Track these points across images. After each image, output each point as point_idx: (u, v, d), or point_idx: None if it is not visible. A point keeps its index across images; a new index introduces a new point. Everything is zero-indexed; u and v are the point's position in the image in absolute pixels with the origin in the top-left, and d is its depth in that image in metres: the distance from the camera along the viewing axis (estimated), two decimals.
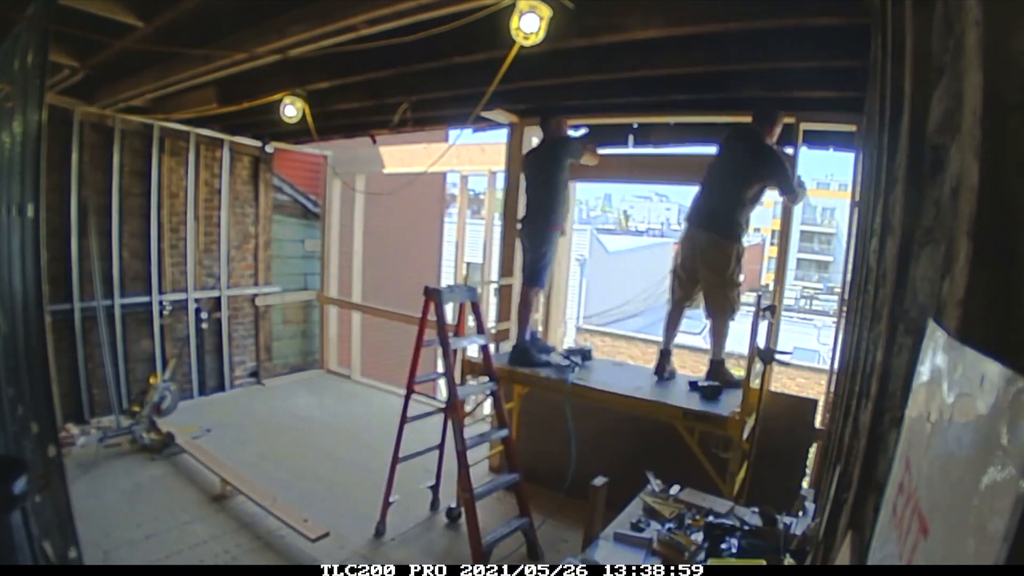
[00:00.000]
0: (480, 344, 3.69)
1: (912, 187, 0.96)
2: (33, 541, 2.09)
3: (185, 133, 5.59)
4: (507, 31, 2.51)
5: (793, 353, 3.60)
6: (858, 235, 2.21)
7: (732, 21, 2.48)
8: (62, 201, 4.75)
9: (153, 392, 4.92)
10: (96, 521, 3.41)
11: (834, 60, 2.68)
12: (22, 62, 2.34)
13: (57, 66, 3.61)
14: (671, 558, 2.10)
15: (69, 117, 4.71)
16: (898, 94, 1.12)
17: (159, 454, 4.47)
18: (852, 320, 1.94)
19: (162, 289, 5.56)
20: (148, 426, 4.69)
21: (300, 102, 4.07)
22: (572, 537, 3.53)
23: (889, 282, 1.06)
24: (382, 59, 3.23)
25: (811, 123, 3.53)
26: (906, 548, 0.60)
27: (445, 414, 3.67)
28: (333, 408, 5.97)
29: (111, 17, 2.81)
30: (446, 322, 3.42)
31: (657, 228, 32.86)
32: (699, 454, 3.21)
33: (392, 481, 3.63)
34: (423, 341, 3.60)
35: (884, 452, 0.94)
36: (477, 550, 3.08)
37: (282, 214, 6.79)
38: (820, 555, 1.50)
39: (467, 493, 3.17)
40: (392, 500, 3.65)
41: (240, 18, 2.98)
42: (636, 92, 3.59)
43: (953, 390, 0.56)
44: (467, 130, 4.82)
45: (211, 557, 3.28)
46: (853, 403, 1.39)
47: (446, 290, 3.48)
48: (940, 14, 0.89)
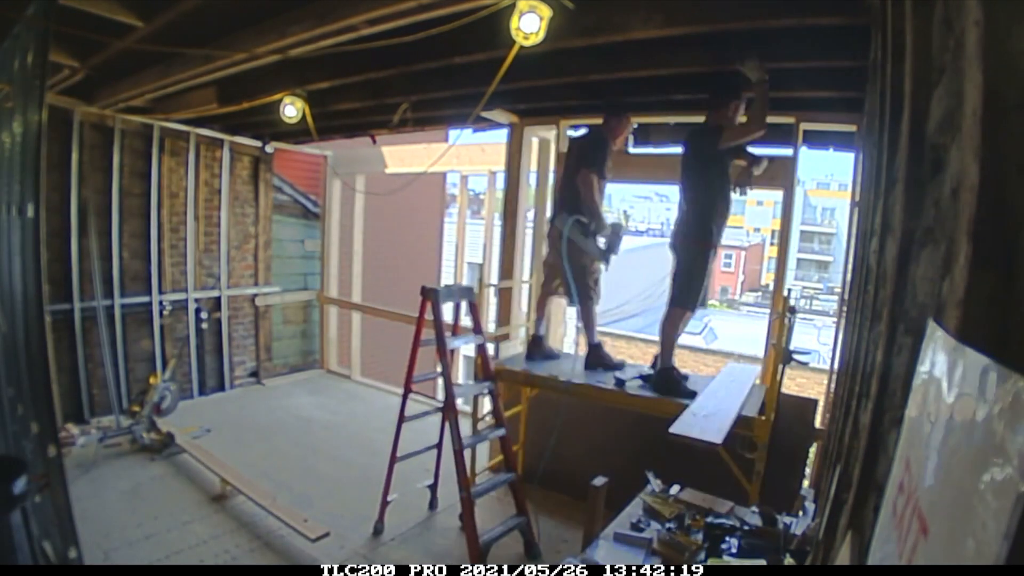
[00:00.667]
0: (477, 344, 3.70)
1: (912, 187, 0.96)
2: (33, 541, 2.09)
3: (185, 133, 5.59)
4: (507, 31, 2.51)
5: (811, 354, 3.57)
6: (858, 235, 2.21)
7: (732, 21, 2.47)
8: (62, 201, 4.75)
9: (153, 392, 4.92)
10: (96, 521, 3.42)
11: (834, 60, 2.68)
12: (22, 62, 2.34)
13: (57, 66, 3.61)
14: (671, 558, 2.10)
15: (69, 117, 4.71)
16: (898, 94, 1.12)
17: (159, 454, 4.47)
18: (852, 320, 1.94)
19: (162, 289, 5.56)
20: (148, 426, 4.69)
21: (300, 102, 4.07)
22: (572, 537, 3.54)
23: (889, 282, 1.06)
24: (382, 59, 3.23)
25: (811, 123, 3.53)
26: (906, 548, 0.60)
27: (443, 414, 3.67)
28: (333, 408, 5.97)
29: (111, 17, 2.81)
30: (443, 322, 3.42)
31: (657, 228, 32.87)
32: (724, 456, 3.21)
33: (390, 480, 3.63)
34: (420, 341, 3.60)
35: (884, 452, 0.94)
36: (475, 549, 3.09)
37: (282, 214, 6.79)
38: (820, 555, 1.50)
39: (465, 492, 3.17)
40: (390, 499, 3.65)
41: (240, 18, 2.98)
42: (636, 92, 3.60)
43: (953, 390, 0.56)
44: (467, 130, 4.82)
45: (211, 557, 3.28)
46: (853, 403, 1.39)
47: (443, 290, 3.48)
48: (940, 14, 0.89)
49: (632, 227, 32.55)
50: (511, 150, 4.61)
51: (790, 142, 3.55)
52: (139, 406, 4.79)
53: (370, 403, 6.19)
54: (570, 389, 3.61)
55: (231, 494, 3.93)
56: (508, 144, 4.63)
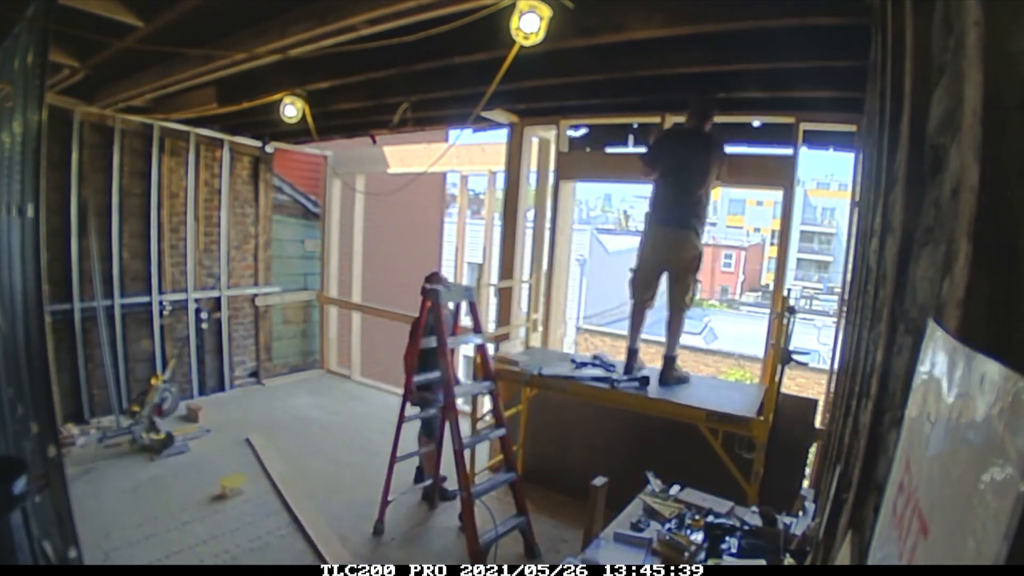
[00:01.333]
0: (477, 343, 3.69)
1: (912, 187, 0.96)
2: (33, 541, 2.09)
3: (185, 133, 5.59)
4: (507, 31, 2.51)
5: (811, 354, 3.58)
6: (858, 235, 2.21)
7: (732, 21, 2.47)
8: (62, 201, 4.75)
9: (154, 393, 4.91)
10: (96, 521, 3.42)
11: (834, 60, 2.68)
12: (22, 62, 2.34)
13: (57, 66, 3.61)
14: (671, 558, 2.10)
15: (69, 117, 4.71)
16: (898, 94, 1.12)
17: (158, 454, 4.47)
18: (852, 320, 1.94)
19: (162, 289, 5.56)
20: (148, 426, 4.69)
21: (300, 102, 4.07)
22: (572, 537, 3.54)
23: (889, 282, 1.06)
24: (382, 59, 3.22)
25: (811, 123, 3.53)
26: (906, 548, 0.60)
27: (443, 414, 3.67)
28: (333, 408, 5.97)
29: (111, 17, 2.81)
30: (444, 321, 3.42)
31: None
32: (723, 456, 3.21)
33: (390, 480, 3.63)
34: (421, 340, 3.60)
35: (884, 452, 0.94)
36: (475, 548, 3.09)
37: (282, 214, 6.80)
38: (820, 555, 1.50)
39: (465, 492, 3.17)
40: (390, 499, 3.65)
41: (240, 18, 2.98)
42: (636, 92, 3.59)
43: (953, 390, 0.55)
44: (467, 130, 4.82)
45: (211, 557, 3.28)
46: (853, 403, 1.39)
47: (443, 289, 3.48)
48: (940, 14, 0.89)
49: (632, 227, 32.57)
50: (511, 150, 4.61)
51: (790, 142, 3.55)
52: (139, 407, 4.79)
53: (370, 403, 6.20)
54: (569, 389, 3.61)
55: (232, 494, 3.93)
56: (508, 144, 4.63)
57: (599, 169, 4.44)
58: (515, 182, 4.63)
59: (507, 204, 4.71)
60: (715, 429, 3.24)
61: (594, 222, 28.88)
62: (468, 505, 3.15)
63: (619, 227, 30.93)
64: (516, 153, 4.57)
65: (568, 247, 4.86)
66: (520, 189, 4.64)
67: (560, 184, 4.46)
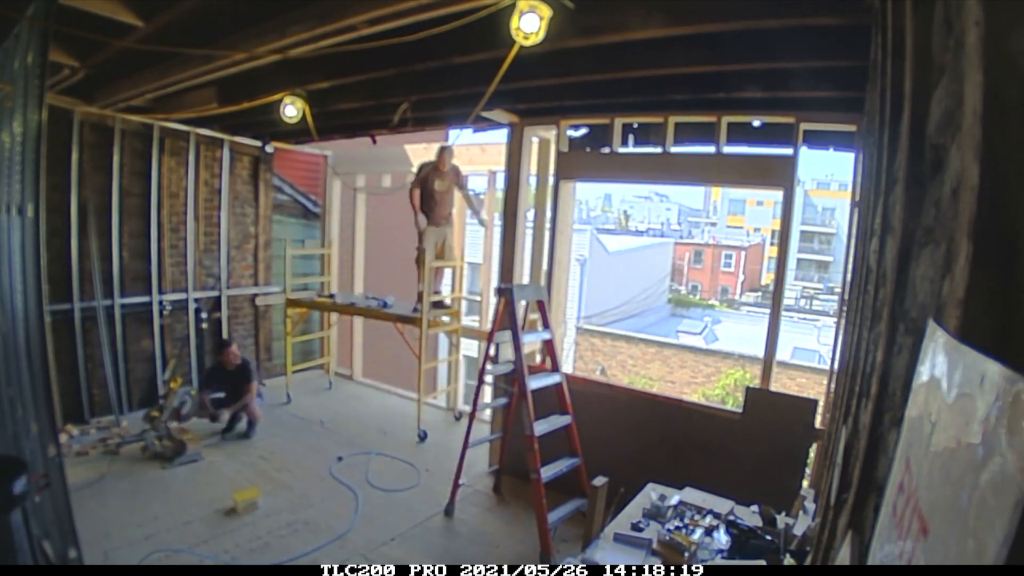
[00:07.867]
0: (545, 339, 3.99)
1: (912, 187, 0.96)
2: (33, 541, 2.09)
3: (185, 133, 5.59)
4: (507, 31, 2.51)
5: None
6: (858, 235, 2.21)
7: (732, 21, 2.47)
8: (62, 201, 4.75)
9: (173, 397, 4.70)
10: (96, 521, 3.41)
11: (834, 60, 2.68)
12: (22, 62, 2.34)
13: (57, 66, 3.61)
14: (671, 558, 2.10)
15: (69, 117, 4.71)
16: (898, 94, 1.12)
17: (171, 462, 4.34)
18: (852, 320, 1.94)
19: (162, 289, 5.56)
20: (164, 432, 4.52)
21: (300, 102, 4.07)
22: (572, 537, 3.54)
23: (889, 282, 1.06)
24: (382, 59, 3.22)
25: (811, 123, 3.52)
26: (906, 548, 0.60)
27: (516, 400, 3.91)
28: (334, 408, 5.96)
29: (111, 17, 2.81)
30: (518, 317, 3.64)
31: (657, 228, 32.87)
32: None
33: (462, 465, 3.88)
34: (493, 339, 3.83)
35: (884, 452, 0.94)
36: (544, 531, 3.27)
37: (282, 214, 6.79)
38: (820, 555, 1.50)
39: (535, 475, 3.37)
40: (462, 483, 3.89)
41: (240, 18, 2.98)
42: (636, 92, 3.59)
43: (953, 390, 0.55)
44: (467, 130, 4.82)
45: (211, 557, 3.28)
46: (853, 403, 1.39)
47: (517, 288, 3.80)
48: (940, 14, 0.89)
49: (632, 227, 32.59)
50: (511, 150, 4.60)
51: (790, 142, 3.55)
52: (159, 411, 4.61)
53: (371, 404, 6.19)
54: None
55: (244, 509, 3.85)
56: (508, 144, 4.63)
57: (599, 169, 4.44)
58: (515, 182, 4.62)
59: (507, 204, 4.71)
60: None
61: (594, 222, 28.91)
62: (538, 487, 3.34)
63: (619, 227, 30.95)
64: (516, 153, 4.56)
65: (568, 247, 4.85)
66: (520, 189, 4.64)
67: (560, 184, 4.46)
